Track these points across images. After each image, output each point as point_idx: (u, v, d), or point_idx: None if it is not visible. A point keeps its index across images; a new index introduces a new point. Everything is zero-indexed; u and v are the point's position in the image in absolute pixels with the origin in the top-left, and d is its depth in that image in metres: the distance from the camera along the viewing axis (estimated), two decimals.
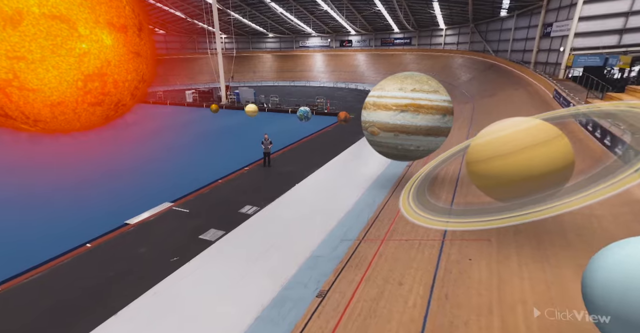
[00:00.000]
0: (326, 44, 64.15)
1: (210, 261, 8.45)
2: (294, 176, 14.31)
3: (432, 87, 11.88)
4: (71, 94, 2.34)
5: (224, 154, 18.58)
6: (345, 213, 10.75)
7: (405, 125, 11.14)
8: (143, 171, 15.39)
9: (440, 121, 11.37)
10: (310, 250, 8.65)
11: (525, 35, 33.44)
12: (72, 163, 16.05)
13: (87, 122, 2.70)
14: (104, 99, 2.53)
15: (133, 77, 2.62)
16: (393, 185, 12.73)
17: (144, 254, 8.88)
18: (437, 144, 11.77)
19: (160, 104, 35.98)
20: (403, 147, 11.34)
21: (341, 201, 11.71)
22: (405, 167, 14.51)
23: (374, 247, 8.27)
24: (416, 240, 8.08)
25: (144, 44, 2.66)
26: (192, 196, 12.44)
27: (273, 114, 29.34)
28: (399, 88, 11.84)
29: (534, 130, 6.54)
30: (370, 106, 11.94)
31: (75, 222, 10.45)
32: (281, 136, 21.00)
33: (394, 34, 55.94)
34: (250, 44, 68.32)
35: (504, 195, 6.99)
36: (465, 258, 6.78)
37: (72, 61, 2.23)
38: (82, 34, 2.22)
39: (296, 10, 52.11)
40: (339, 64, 59.92)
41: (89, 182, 13.77)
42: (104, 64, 2.36)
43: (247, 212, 11.15)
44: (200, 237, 9.67)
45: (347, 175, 14.89)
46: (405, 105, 11.21)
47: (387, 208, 10.70)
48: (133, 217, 10.63)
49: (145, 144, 19.99)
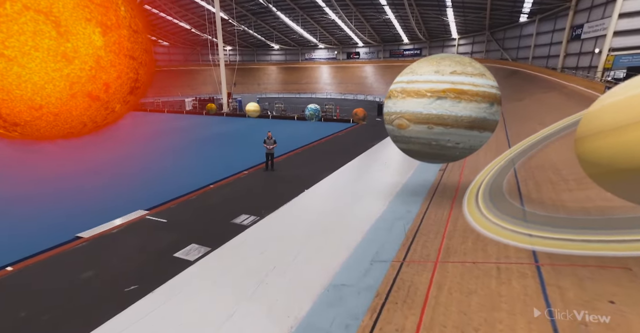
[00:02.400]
0: (333, 56, 62.62)
1: (184, 291, 5.77)
2: (302, 181, 11.73)
3: (476, 69, 9.19)
4: (55, 96, 2.16)
5: (220, 158, 16.09)
6: (370, 225, 8.09)
7: (442, 115, 8.52)
8: (117, 176, 12.85)
9: (487, 111, 8.69)
10: (329, 276, 5.97)
11: (549, 40, 31.29)
12: (28, 166, 13.58)
13: (71, 129, 2.48)
14: (92, 103, 2.36)
15: (125, 81, 2.44)
16: (428, 193, 10.08)
17: (89, 280, 6.22)
18: (480, 141, 9.04)
19: (158, 112, 33.82)
20: (438, 143, 8.71)
21: (364, 210, 9.09)
22: (438, 171, 11.88)
23: (425, 272, 5.59)
24: (490, 263, 5.39)
25: (140, 47, 2.50)
26: (173, 203, 9.85)
27: (277, 121, 26.91)
28: (434, 71, 9.15)
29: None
30: (398, 94, 9.30)
31: (3, 238, 7.82)
32: (287, 141, 18.55)
33: (403, 45, 54.26)
34: (255, 56, 67.05)
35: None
36: (597, 298, 4.08)
37: (57, 61, 2.07)
38: (69, 31, 2.07)
39: (303, 20, 50.72)
40: (347, 76, 58.17)
41: (45, 189, 11.22)
42: (93, 65, 2.20)
43: (242, 222, 8.52)
44: (175, 255, 7.03)
45: (365, 181, 12.28)
46: (444, 91, 8.61)
47: (430, 219, 8.03)
48: (90, 229, 8.01)
49: (127, 149, 17.49)
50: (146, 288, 5.77)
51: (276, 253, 6.95)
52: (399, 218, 8.37)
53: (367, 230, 7.78)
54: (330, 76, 60.10)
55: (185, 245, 7.42)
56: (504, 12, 35.78)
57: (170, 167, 14.08)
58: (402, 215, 8.52)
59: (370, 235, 7.53)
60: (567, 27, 27.85)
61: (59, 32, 2.04)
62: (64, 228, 7.98)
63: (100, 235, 7.83)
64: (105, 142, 17.05)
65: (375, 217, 8.50)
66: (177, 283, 5.96)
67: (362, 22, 48.53)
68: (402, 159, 14.21)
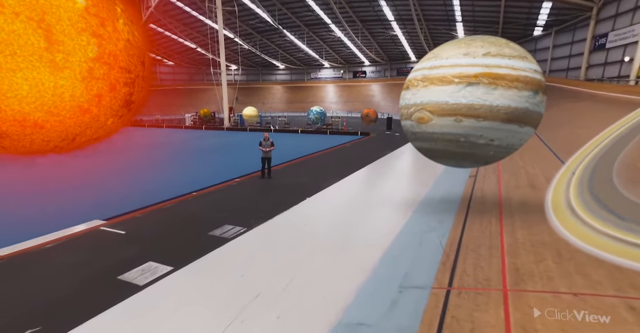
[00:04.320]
0: (339, 75, 61.78)
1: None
2: (304, 189, 9.76)
3: (515, 50, 7.18)
4: (42, 107, 2.07)
5: (209, 165, 14.22)
6: (392, 239, 6.04)
7: (473, 105, 6.54)
8: (79, 184, 10.96)
9: (530, 101, 6.70)
10: (338, 309, 3.89)
11: (567, 53, 29.75)
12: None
13: (59, 142, 2.36)
14: (82, 116, 2.26)
15: (119, 94, 2.34)
16: (462, 202, 8.03)
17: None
18: (520, 138, 6.99)
19: (156, 127, 32.35)
20: (468, 139, 6.68)
21: (381, 222, 7.08)
22: (468, 178, 9.83)
23: (492, 306, 3.51)
24: (608, 296, 3.31)
25: (137, 60, 2.40)
26: (141, 212, 7.88)
27: (280, 134, 25.10)
28: (463, 53, 7.13)
29: None
30: (418, 82, 7.28)
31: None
32: (289, 151, 16.74)
33: (410, 62, 53.28)
34: (260, 75, 66.58)
35: None
36: None
37: (45, 70, 1.97)
38: (60, 41, 2.00)
39: (308, 37, 50.13)
40: (353, 95, 57.04)
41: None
42: (85, 76, 2.11)
43: (222, 234, 6.52)
44: (120, 277, 5.01)
45: (379, 190, 10.22)
46: (475, 76, 6.66)
47: (474, 230, 5.97)
48: (16, 244, 6.02)
49: (105, 158, 15.61)
50: (59, 329, 3.73)
51: (263, 275, 4.90)
52: (430, 230, 6.31)
53: (388, 245, 5.73)
54: (336, 95, 59.02)
55: (139, 263, 5.41)
56: (517, 26, 34.54)
57: (146, 176, 12.18)
58: (433, 227, 6.46)
59: (393, 251, 5.47)
60: (589, 38, 26.29)
61: (50, 41, 1.97)
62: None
63: (24, 253, 5.82)
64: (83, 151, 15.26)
65: (397, 230, 6.45)
66: (105, 323, 3.89)
67: (369, 39, 47.72)
68: (422, 165, 12.23)
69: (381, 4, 38.15)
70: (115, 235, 6.55)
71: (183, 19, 48.14)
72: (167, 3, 41.39)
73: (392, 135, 24.17)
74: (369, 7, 39.69)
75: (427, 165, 7.52)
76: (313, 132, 25.52)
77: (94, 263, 5.52)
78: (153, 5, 32.72)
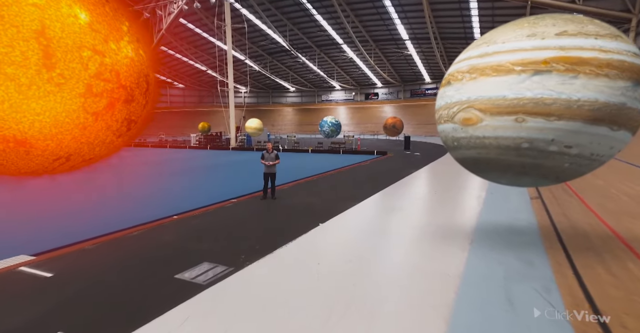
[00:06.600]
0: (350, 97, 60.48)
1: None
2: (315, 212, 7.57)
3: (604, 28, 4.96)
4: (37, 128, 1.90)
5: (202, 185, 12.15)
6: (455, 291, 3.78)
7: (543, 99, 4.36)
8: (35, 205, 8.95)
9: (628, 94, 4.42)
10: None
11: None
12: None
13: (53, 162, 2.17)
14: (81, 135, 2.09)
15: (119, 112, 2.18)
16: (541, 234, 5.73)
17: None
18: (611, 146, 4.65)
19: (159, 148, 30.70)
20: (533, 145, 4.44)
21: (427, 262, 4.84)
22: (532, 201, 7.51)
23: None
24: None
25: (141, 78, 2.27)
26: (93, 242, 5.75)
27: (289, 154, 23.07)
28: (527, 34, 4.94)
29: None
30: (462, 75, 5.03)
31: None
32: (297, 170, 14.72)
33: (425, 84, 51.73)
34: (270, 98, 65.78)
35: None
36: None
37: (42, 86, 1.83)
38: (59, 56, 1.86)
39: (320, 58, 49.15)
40: (365, 116, 55.46)
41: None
42: (82, 92, 1.95)
43: (194, 278, 4.31)
44: None
45: (412, 216, 7.85)
46: (546, 61, 4.50)
47: (602, 284, 3.67)
48: None
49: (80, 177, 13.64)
50: None
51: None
52: (517, 276, 4.03)
53: (451, 304, 3.46)
54: (348, 117, 57.46)
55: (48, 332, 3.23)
56: None
57: (121, 197, 10.12)
58: (519, 271, 4.18)
59: (463, 318, 3.20)
60: None
61: (47, 54, 1.85)
62: None
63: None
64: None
65: (458, 275, 4.19)
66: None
67: (382, 60, 46.41)
68: (459, 186, 9.99)
69: (395, 22, 37.00)
70: (33, 279, 4.39)
71: (194, 41, 47.80)
72: (178, 25, 40.95)
73: (411, 154, 21.98)
74: (382, 26, 38.56)
75: (464, 185, 5.33)
76: (325, 151, 23.49)
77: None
78: (165, 27, 31.88)
